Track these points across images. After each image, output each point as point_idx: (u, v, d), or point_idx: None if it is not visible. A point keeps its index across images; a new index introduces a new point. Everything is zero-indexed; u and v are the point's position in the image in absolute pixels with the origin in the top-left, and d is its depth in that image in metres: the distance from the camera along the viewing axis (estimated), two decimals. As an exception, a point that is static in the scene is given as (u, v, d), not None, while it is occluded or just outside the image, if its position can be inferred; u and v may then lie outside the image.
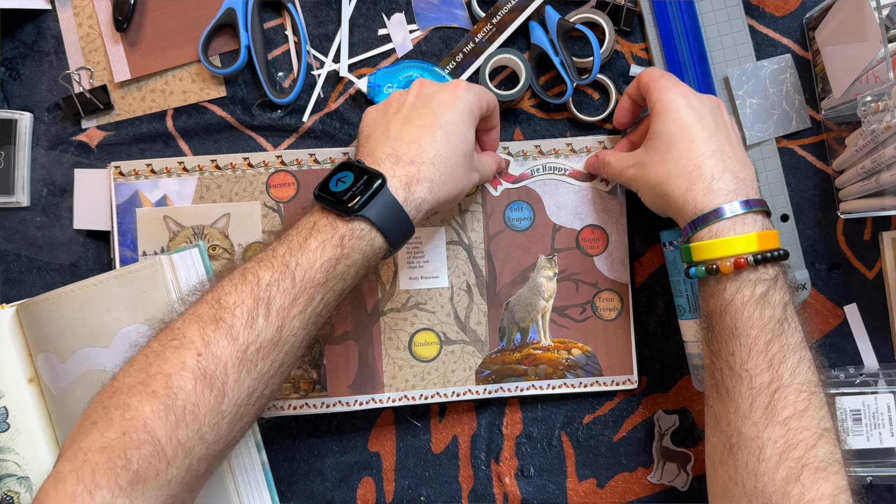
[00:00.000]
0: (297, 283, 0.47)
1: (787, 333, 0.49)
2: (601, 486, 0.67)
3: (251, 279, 0.47)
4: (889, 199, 0.57)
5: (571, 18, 0.65)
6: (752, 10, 0.67)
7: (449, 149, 0.52)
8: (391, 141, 0.52)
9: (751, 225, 0.50)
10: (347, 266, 0.49)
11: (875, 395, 0.62)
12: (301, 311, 0.47)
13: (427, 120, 0.53)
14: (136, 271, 0.58)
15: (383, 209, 0.49)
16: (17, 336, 0.61)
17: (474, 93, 0.55)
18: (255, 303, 0.46)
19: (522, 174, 0.64)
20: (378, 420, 0.67)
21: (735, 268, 0.49)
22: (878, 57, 0.53)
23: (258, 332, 0.46)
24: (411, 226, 0.51)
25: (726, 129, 0.55)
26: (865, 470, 0.62)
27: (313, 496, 0.66)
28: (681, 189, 0.52)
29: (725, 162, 0.52)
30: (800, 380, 0.48)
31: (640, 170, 0.56)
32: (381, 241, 0.50)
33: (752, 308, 0.49)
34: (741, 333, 0.49)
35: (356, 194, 0.49)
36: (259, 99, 0.67)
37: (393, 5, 0.67)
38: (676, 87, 0.55)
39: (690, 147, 0.53)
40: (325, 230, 0.49)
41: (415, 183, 0.50)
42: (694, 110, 0.54)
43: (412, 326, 0.65)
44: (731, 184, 0.51)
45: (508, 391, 0.65)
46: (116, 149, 0.67)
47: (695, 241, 0.51)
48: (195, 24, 0.66)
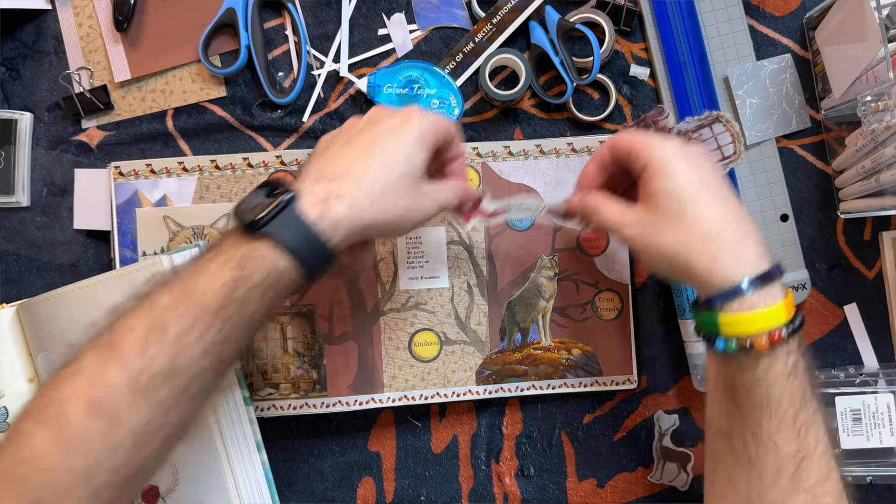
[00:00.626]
0: (192, 308, 0.44)
1: (811, 401, 0.48)
2: (601, 486, 0.67)
3: (149, 304, 0.45)
4: (889, 199, 0.57)
5: (571, 18, 0.65)
6: (752, 10, 0.67)
7: (385, 170, 0.48)
8: (324, 159, 0.49)
9: (777, 294, 0.48)
10: (248, 289, 0.45)
11: (875, 394, 0.62)
12: (199, 337, 0.44)
13: (368, 139, 0.50)
14: (136, 271, 0.58)
15: (290, 226, 0.45)
16: (17, 336, 0.61)
17: (428, 119, 0.52)
18: (148, 328, 0.43)
19: (496, 210, 0.61)
20: (378, 420, 0.67)
21: (770, 343, 0.46)
22: (878, 57, 0.53)
23: (151, 359, 0.43)
24: (325, 247, 0.46)
25: (727, 188, 0.51)
26: (865, 470, 0.62)
27: (313, 496, 0.66)
28: (706, 259, 0.48)
29: (742, 225, 0.49)
30: (822, 446, 0.48)
31: (644, 231, 0.50)
32: (288, 262, 0.45)
33: (784, 382, 0.47)
34: (773, 407, 0.47)
35: (262, 210, 0.45)
36: (259, 99, 0.67)
37: (393, 5, 0.67)
38: (667, 142, 0.51)
39: (707, 211, 0.48)
40: (229, 249, 0.46)
41: (333, 199, 0.46)
42: (694, 167, 0.50)
43: (412, 326, 0.65)
44: (755, 250, 0.48)
45: (508, 391, 0.65)
46: (116, 149, 0.67)
47: (725, 312, 0.48)
48: (195, 24, 0.66)
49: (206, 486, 0.59)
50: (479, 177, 0.65)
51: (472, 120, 0.67)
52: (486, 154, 0.65)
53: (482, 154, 0.65)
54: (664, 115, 0.66)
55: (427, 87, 0.65)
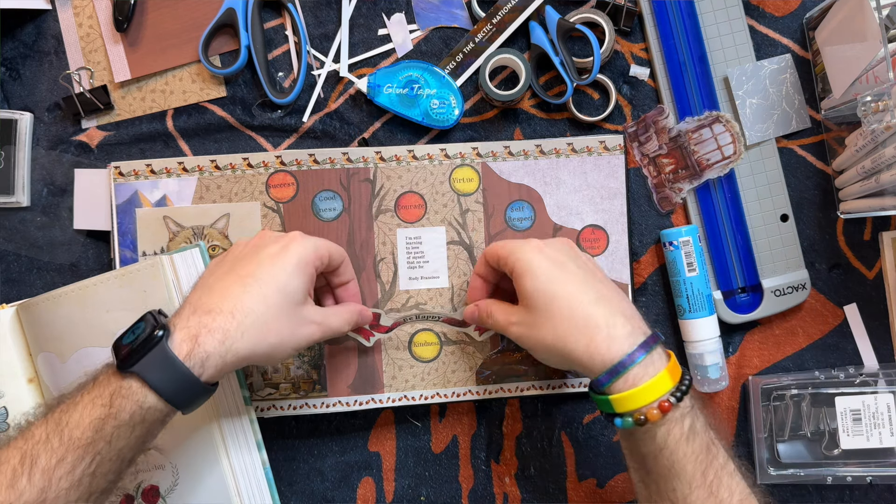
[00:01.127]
0: (63, 443, 0.45)
1: (717, 455, 0.50)
2: (601, 486, 0.67)
3: (27, 435, 0.46)
4: (889, 199, 0.57)
5: (571, 18, 0.65)
6: (752, 10, 0.67)
7: (259, 299, 0.50)
8: (203, 290, 0.51)
9: (658, 361, 0.50)
10: (115, 427, 0.46)
11: (875, 395, 0.62)
12: (69, 471, 0.45)
13: (246, 270, 0.51)
14: (136, 271, 0.58)
15: (158, 365, 0.46)
16: (17, 336, 0.61)
17: (311, 245, 0.54)
18: (21, 461, 0.45)
19: (395, 323, 0.63)
20: (378, 420, 0.67)
21: (661, 413, 0.49)
22: (878, 57, 0.53)
23: (20, 492, 0.44)
24: (197, 383, 0.47)
25: (588, 268, 0.55)
26: (865, 470, 0.62)
27: (313, 496, 0.66)
28: (581, 346, 0.50)
29: (609, 305, 0.51)
30: (737, 496, 0.49)
31: (526, 330, 0.54)
32: (155, 400, 0.47)
33: (685, 445, 0.49)
34: (679, 472, 0.49)
35: (134, 349, 0.47)
36: (259, 99, 0.67)
37: (393, 5, 0.67)
38: (527, 245, 0.55)
39: (571, 300, 0.51)
40: (101, 385, 0.47)
41: (205, 334, 0.48)
42: (554, 262, 0.53)
43: (412, 327, 0.65)
44: (626, 325, 0.50)
45: (508, 391, 0.65)
46: (116, 149, 0.67)
47: (612, 393, 0.50)
48: (195, 24, 0.66)
49: (206, 486, 0.59)
50: (478, 177, 0.65)
51: (472, 120, 0.67)
52: (486, 154, 0.65)
53: (482, 154, 0.65)
54: (664, 115, 0.66)
55: (427, 87, 0.65)
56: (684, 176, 0.66)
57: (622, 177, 0.66)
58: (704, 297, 0.64)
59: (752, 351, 0.67)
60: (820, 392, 0.64)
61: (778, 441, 0.64)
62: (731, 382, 0.66)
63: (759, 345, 0.67)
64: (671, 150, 0.66)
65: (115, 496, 0.59)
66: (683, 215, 0.67)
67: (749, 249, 0.66)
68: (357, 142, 0.67)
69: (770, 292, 0.65)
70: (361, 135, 0.67)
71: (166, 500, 0.59)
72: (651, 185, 0.67)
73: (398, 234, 0.65)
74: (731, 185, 0.66)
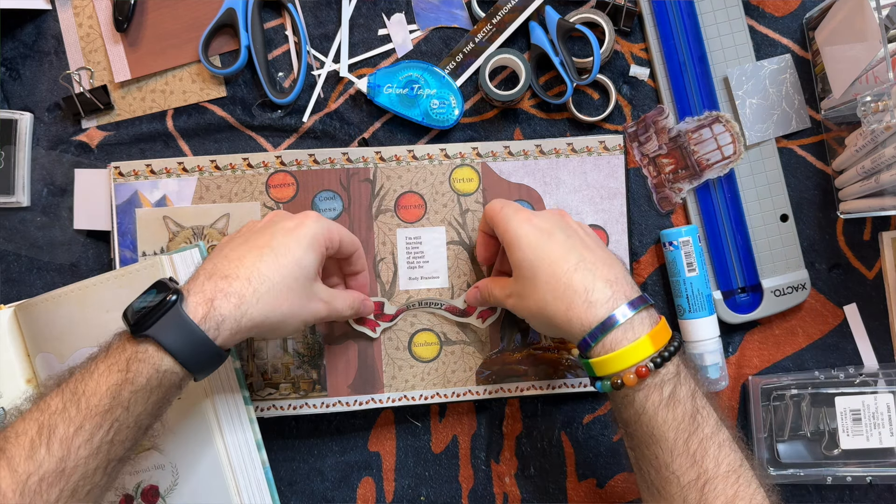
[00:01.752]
0: (81, 411, 0.45)
1: (702, 425, 0.49)
2: (601, 486, 0.67)
3: (42, 406, 0.46)
4: (889, 199, 0.57)
5: (571, 18, 0.65)
6: (752, 10, 0.67)
7: (274, 268, 0.50)
8: (218, 258, 0.51)
9: (640, 327, 0.50)
10: (132, 392, 0.46)
11: (875, 395, 0.62)
12: (87, 439, 0.45)
13: (262, 241, 0.52)
14: (136, 271, 0.58)
15: (173, 328, 0.46)
16: (15, 337, 0.61)
17: (324, 225, 0.55)
18: (38, 431, 0.45)
19: (398, 311, 0.64)
20: (378, 420, 0.67)
21: (638, 378, 0.49)
22: (878, 57, 0.53)
23: (39, 462, 0.44)
24: (212, 346, 0.48)
25: (578, 236, 0.54)
26: (865, 470, 0.62)
27: (313, 496, 0.66)
28: (561, 311, 0.51)
29: (592, 270, 0.51)
30: (724, 467, 0.49)
31: (517, 300, 0.55)
32: (171, 364, 0.47)
33: (665, 411, 0.49)
34: (660, 438, 0.49)
35: (147, 312, 0.47)
36: (259, 99, 0.67)
37: (393, 5, 0.67)
38: (518, 215, 0.55)
39: (553, 268, 0.52)
40: (116, 352, 0.47)
41: (221, 297, 0.48)
42: (542, 231, 0.54)
43: (412, 327, 0.65)
44: (607, 290, 0.50)
45: (508, 391, 0.65)
46: (116, 149, 0.67)
47: (592, 357, 0.50)
48: (195, 24, 0.66)
49: (206, 486, 0.59)
50: (478, 177, 0.65)
51: (472, 120, 0.67)
52: (485, 154, 0.65)
53: (482, 154, 0.65)
54: (664, 115, 0.66)
55: (427, 87, 0.65)
56: (684, 176, 0.66)
57: (622, 177, 0.66)
58: (704, 297, 0.64)
59: (751, 351, 0.67)
60: (820, 392, 0.64)
61: (778, 441, 0.64)
62: (731, 382, 0.66)
63: (759, 345, 0.67)
64: (671, 150, 0.66)
65: (114, 496, 0.59)
66: (683, 215, 0.67)
67: (749, 249, 0.66)
68: (357, 142, 0.67)
69: (770, 292, 0.65)
70: (361, 135, 0.67)
71: (166, 500, 0.59)
72: (651, 185, 0.67)
73: (398, 234, 0.65)
74: (731, 185, 0.66)
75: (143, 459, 0.59)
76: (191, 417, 0.59)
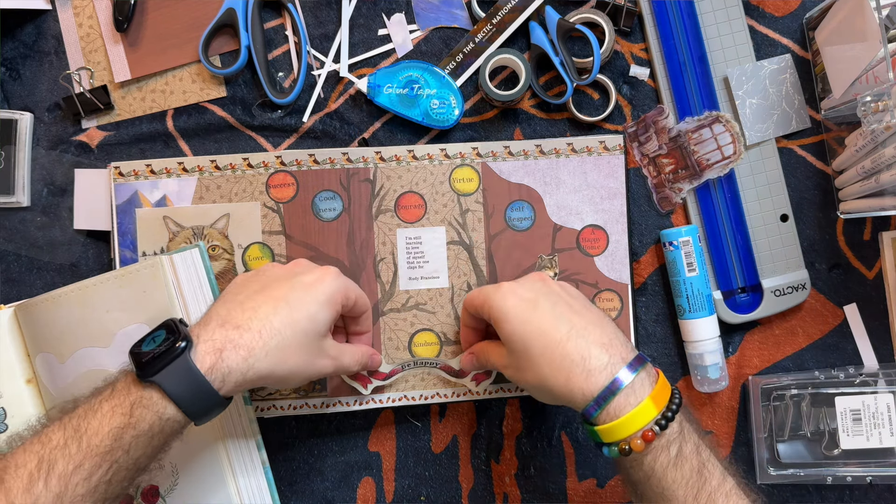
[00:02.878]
0: (82, 449, 0.45)
1: (709, 478, 0.49)
2: (601, 486, 0.67)
3: (43, 439, 0.46)
4: (889, 199, 0.57)
5: (571, 18, 0.65)
6: (752, 10, 0.67)
7: (287, 323, 0.50)
8: (233, 304, 0.51)
9: (641, 389, 0.50)
10: (134, 437, 0.46)
11: (875, 395, 0.62)
12: (86, 478, 0.45)
13: (279, 293, 0.52)
14: (136, 271, 0.58)
15: (180, 377, 0.47)
16: (15, 337, 0.61)
17: (342, 283, 0.55)
18: (37, 465, 0.45)
19: (393, 370, 0.64)
20: (378, 420, 0.67)
21: (645, 442, 0.49)
22: (878, 57, 0.53)
23: (36, 496, 0.44)
24: (216, 397, 0.48)
25: (563, 300, 0.54)
26: (865, 470, 0.62)
27: (313, 496, 0.66)
28: (561, 382, 0.50)
29: (584, 336, 0.51)
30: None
31: (514, 373, 0.55)
32: (174, 412, 0.47)
33: (673, 471, 0.49)
34: (670, 498, 0.49)
35: (155, 357, 0.47)
36: (259, 99, 0.67)
37: (393, 5, 0.67)
38: (499, 290, 0.55)
39: (545, 339, 0.51)
40: (120, 394, 0.47)
41: (230, 349, 0.48)
42: (526, 301, 0.53)
43: (412, 327, 0.65)
44: (603, 356, 0.50)
45: (508, 391, 0.65)
46: (117, 149, 0.67)
47: (597, 424, 0.50)
48: (195, 24, 0.66)
49: (206, 486, 0.59)
50: (478, 177, 0.65)
51: (472, 120, 0.67)
52: (485, 154, 0.65)
53: (482, 154, 0.65)
54: (664, 116, 0.66)
55: (427, 87, 0.65)
56: (684, 176, 0.66)
57: (622, 177, 0.66)
58: (704, 297, 0.64)
59: (751, 351, 0.67)
60: (820, 392, 0.64)
61: (778, 441, 0.64)
62: (731, 382, 0.66)
63: (759, 345, 0.67)
64: (671, 150, 0.66)
65: None
66: (683, 215, 0.67)
67: (749, 249, 0.66)
68: (357, 142, 0.67)
69: (770, 292, 0.65)
70: (361, 135, 0.67)
71: (166, 500, 0.59)
72: (651, 185, 0.67)
73: (398, 234, 0.65)
74: (731, 185, 0.66)
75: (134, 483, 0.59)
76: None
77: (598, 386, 0.50)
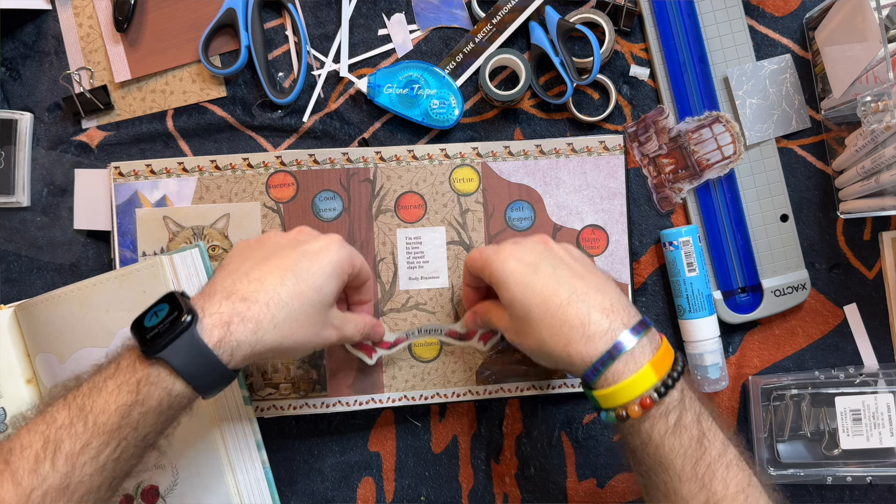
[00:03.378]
0: (89, 428, 0.44)
1: (709, 448, 0.49)
2: (601, 486, 0.67)
3: (48, 419, 0.45)
4: (889, 199, 0.57)
5: (571, 18, 0.65)
6: (752, 10, 0.67)
7: (294, 294, 0.49)
8: (237, 274, 0.50)
9: (641, 355, 0.49)
10: (142, 414, 0.45)
11: (875, 395, 0.62)
12: (94, 456, 0.45)
13: (285, 262, 0.51)
14: (136, 271, 0.58)
15: (188, 352, 0.45)
16: (15, 337, 0.61)
17: (347, 252, 0.54)
18: (43, 446, 0.44)
19: (397, 339, 0.63)
20: (378, 420, 0.67)
21: (643, 409, 0.48)
22: (878, 57, 0.53)
23: (43, 476, 0.43)
24: (224, 371, 0.47)
25: (565, 264, 0.53)
26: (865, 470, 0.62)
27: (313, 496, 0.66)
28: (560, 347, 0.50)
29: (585, 301, 0.50)
30: (733, 488, 0.48)
31: (514, 336, 0.54)
32: (182, 388, 0.46)
33: (672, 439, 0.48)
34: (668, 466, 0.49)
35: (160, 332, 0.46)
36: (259, 99, 0.67)
37: (393, 5, 0.67)
38: (500, 253, 0.53)
39: (545, 304, 0.50)
40: (125, 371, 0.46)
41: (237, 322, 0.47)
42: (527, 265, 0.52)
43: (412, 327, 0.65)
44: (604, 321, 0.49)
45: (508, 391, 0.65)
46: (117, 149, 0.67)
47: (596, 389, 0.49)
48: (195, 24, 0.66)
49: (206, 486, 0.59)
50: (478, 177, 0.65)
51: (472, 120, 0.67)
52: (485, 154, 0.65)
53: (482, 154, 0.65)
54: (664, 116, 0.66)
55: (427, 87, 0.65)
56: (684, 176, 0.66)
57: (622, 177, 0.66)
58: (704, 297, 0.64)
59: (752, 351, 0.67)
60: (820, 392, 0.64)
61: (778, 441, 0.64)
62: (731, 382, 0.66)
63: (759, 345, 0.67)
64: (671, 150, 0.66)
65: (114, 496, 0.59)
66: (683, 215, 0.67)
67: (749, 249, 0.66)
68: (357, 142, 0.67)
69: (770, 292, 0.65)
70: (361, 135, 0.67)
71: (166, 500, 0.59)
72: (651, 185, 0.67)
73: (398, 234, 0.65)
74: (731, 185, 0.66)
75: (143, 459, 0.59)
76: (191, 418, 0.59)
77: (597, 352, 0.49)
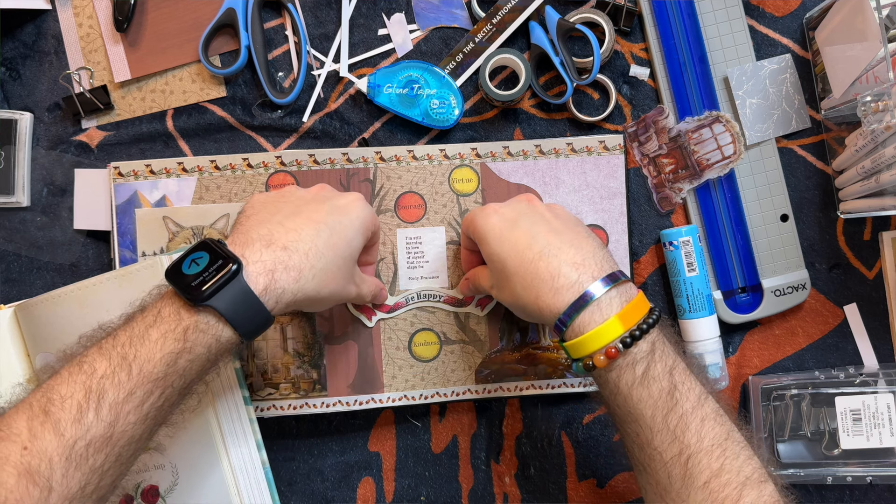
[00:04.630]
0: (133, 377, 0.44)
1: (681, 401, 0.48)
2: (601, 486, 0.67)
3: (87, 369, 0.45)
4: (889, 199, 0.57)
5: (571, 18, 0.65)
6: (752, 10, 0.67)
7: (329, 245, 0.50)
8: (272, 224, 0.50)
9: (608, 307, 0.49)
10: (189, 361, 0.46)
11: (875, 395, 0.62)
12: (138, 405, 0.45)
13: (317, 215, 0.52)
14: (136, 271, 0.58)
15: (235, 299, 0.46)
16: (15, 337, 0.61)
17: (370, 211, 0.55)
18: (86, 396, 0.44)
19: (397, 303, 0.64)
20: (378, 420, 0.67)
21: (608, 359, 0.48)
22: (878, 57, 0.53)
23: (87, 426, 0.43)
24: (269, 316, 0.47)
25: (545, 220, 0.54)
26: (865, 470, 0.62)
27: (313, 496, 0.66)
28: (531, 300, 0.51)
29: (556, 255, 0.51)
30: (708, 441, 0.48)
31: (496, 292, 0.56)
32: (231, 334, 0.47)
33: (640, 390, 0.48)
34: (638, 416, 0.49)
35: (206, 280, 0.45)
36: (259, 99, 0.67)
37: (393, 5, 0.67)
38: (485, 210, 0.56)
39: (520, 257, 0.52)
40: (169, 320, 0.46)
41: (281, 270, 0.48)
42: (506, 221, 0.54)
43: (412, 326, 0.65)
44: (572, 274, 0.50)
45: (508, 391, 0.65)
46: (116, 149, 0.67)
47: (567, 340, 0.50)
48: (195, 24, 0.66)
49: (205, 486, 0.59)
50: (477, 177, 0.65)
51: (472, 120, 0.67)
52: (485, 154, 0.65)
53: (481, 154, 0.65)
54: (664, 115, 0.66)
55: (427, 87, 0.65)
56: (684, 176, 0.66)
57: (622, 177, 0.66)
58: (704, 297, 0.64)
59: (752, 351, 0.67)
60: (820, 392, 0.64)
61: (778, 441, 0.64)
62: (731, 382, 0.66)
63: (759, 345, 0.67)
64: (671, 150, 0.66)
65: (114, 496, 0.59)
66: (683, 215, 0.67)
67: (749, 249, 0.66)
68: (357, 142, 0.67)
69: (770, 292, 0.65)
70: (361, 135, 0.67)
71: (166, 500, 0.59)
72: (651, 185, 0.67)
73: (398, 234, 0.65)
74: (731, 185, 0.66)
75: (143, 459, 0.59)
76: (191, 417, 0.59)
77: (564, 303, 0.49)
